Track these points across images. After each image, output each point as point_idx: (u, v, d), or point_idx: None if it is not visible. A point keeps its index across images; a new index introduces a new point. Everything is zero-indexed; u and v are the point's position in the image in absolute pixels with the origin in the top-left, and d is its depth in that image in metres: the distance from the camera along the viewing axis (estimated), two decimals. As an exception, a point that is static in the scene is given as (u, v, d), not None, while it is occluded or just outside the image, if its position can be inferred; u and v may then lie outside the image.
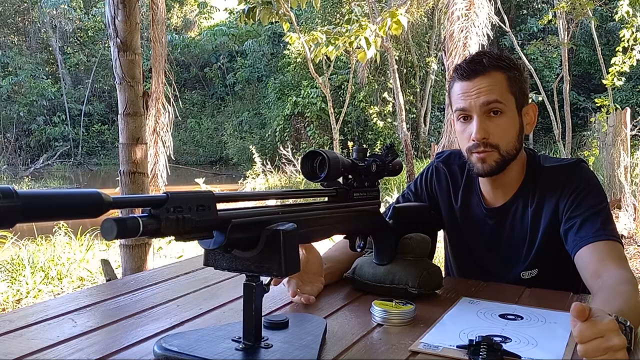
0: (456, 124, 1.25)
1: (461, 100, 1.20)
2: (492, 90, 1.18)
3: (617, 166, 6.70)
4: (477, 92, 1.18)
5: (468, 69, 1.20)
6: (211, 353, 0.77)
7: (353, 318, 1.01)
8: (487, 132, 1.19)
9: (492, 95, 1.18)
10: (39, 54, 23.22)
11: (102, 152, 21.96)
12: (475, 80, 1.19)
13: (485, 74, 1.19)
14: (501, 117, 1.19)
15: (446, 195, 1.38)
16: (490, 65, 1.19)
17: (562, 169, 1.25)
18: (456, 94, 1.22)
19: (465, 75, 1.20)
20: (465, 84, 1.20)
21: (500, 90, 1.19)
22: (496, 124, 1.19)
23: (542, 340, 0.89)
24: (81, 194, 0.59)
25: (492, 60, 1.20)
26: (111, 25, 3.13)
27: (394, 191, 8.60)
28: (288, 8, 5.72)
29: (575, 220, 1.17)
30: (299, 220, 0.83)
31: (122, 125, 3.18)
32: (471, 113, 1.19)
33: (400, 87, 9.06)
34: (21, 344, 0.86)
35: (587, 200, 1.19)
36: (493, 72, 1.19)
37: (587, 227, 1.15)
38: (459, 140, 1.27)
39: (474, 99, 1.18)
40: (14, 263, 4.41)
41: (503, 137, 1.20)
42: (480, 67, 1.19)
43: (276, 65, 19.66)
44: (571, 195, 1.20)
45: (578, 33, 14.98)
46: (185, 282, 1.25)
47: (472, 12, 5.93)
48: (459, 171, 1.37)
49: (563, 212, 1.20)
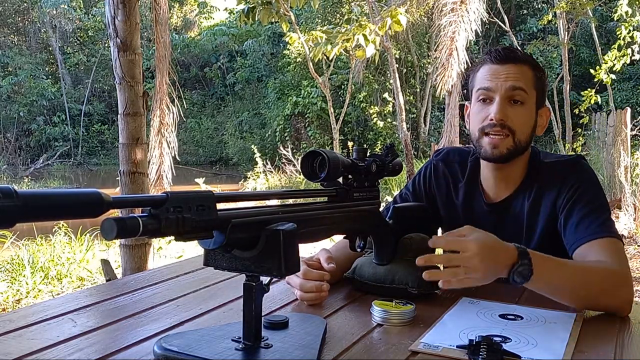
0: (473, 106, 1.27)
1: (487, 80, 1.22)
2: (519, 79, 1.21)
3: (617, 166, 6.70)
4: (505, 75, 1.21)
5: (503, 53, 1.23)
6: (211, 353, 0.77)
7: (353, 318, 1.01)
8: (507, 115, 1.21)
9: (519, 82, 1.21)
10: (39, 54, 23.23)
11: (102, 152, 21.97)
12: (506, 65, 1.22)
13: (517, 63, 1.22)
14: (522, 107, 1.22)
15: (445, 192, 1.38)
16: (523, 58, 1.24)
17: (561, 165, 1.26)
18: (482, 75, 1.24)
19: (499, 58, 1.22)
20: (495, 66, 1.22)
21: (527, 82, 1.22)
22: (516, 112, 1.21)
23: (542, 340, 0.89)
24: (81, 194, 0.59)
25: (525, 55, 1.25)
26: (111, 25, 3.13)
27: (394, 191, 8.60)
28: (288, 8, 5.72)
29: (574, 216, 1.17)
30: (299, 220, 0.83)
31: (122, 125, 3.18)
32: (494, 94, 1.21)
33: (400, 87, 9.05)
34: (21, 344, 0.86)
35: (585, 196, 1.18)
36: (524, 64, 1.23)
37: (585, 224, 1.14)
38: (471, 121, 1.28)
39: (501, 80, 1.21)
40: (14, 263, 4.41)
41: (521, 125, 1.22)
42: (514, 55, 1.23)
43: (276, 65, 19.67)
44: (570, 190, 1.20)
45: (578, 33, 15.00)
46: (185, 282, 1.25)
47: (462, 7, 5.95)
48: (459, 168, 1.37)
49: (561, 208, 1.20)
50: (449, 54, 5.97)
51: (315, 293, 1.06)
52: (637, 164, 6.97)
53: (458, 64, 6.15)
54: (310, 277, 1.07)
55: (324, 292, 1.06)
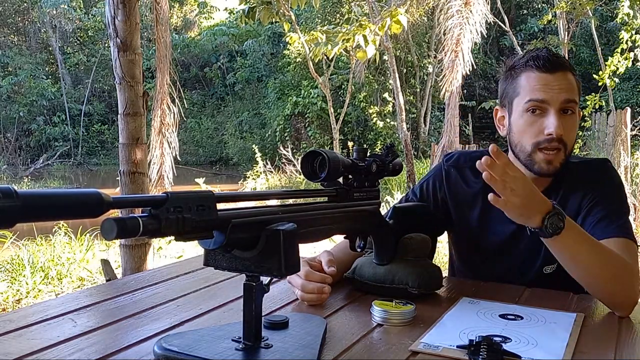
0: (522, 116, 1.21)
1: (540, 91, 1.18)
2: (571, 89, 1.19)
3: (617, 166, 6.69)
4: (559, 86, 1.18)
5: (551, 60, 1.19)
6: (211, 353, 0.77)
7: (353, 318, 1.01)
8: (563, 129, 1.18)
9: (572, 94, 1.18)
10: (39, 54, 23.23)
11: (102, 152, 21.96)
12: (557, 74, 1.18)
13: (566, 71, 1.20)
14: (572, 118, 1.20)
15: (461, 198, 1.35)
16: (568, 65, 1.21)
17: (588, 166, 1.26)
18: (531, 85, 1.19)
19: (548, 67, 1.18)
20: (546, 75, 1.18)
21: (576, 92, 1.20)
22: (568, 123, 1.19)
23: (542, 340, 0.89)
24: (81, 194, 0.59)
25: (567, 61, 1.22)
26: (111, 25, 3.12)
27: (394, 191, 8.60)
28: (288, 8, 5.72)
29: (594, 215, 1.17)
30: (299, 220, 0.83)
31: (122, 125, 3.18)
32: (549, 107, 1.18)
33: (400, 87, 9.05)
34: (21, 344, 0.86)
35: (609, 197, 1.19)
36: (569, 72, 1.20)
37: (604, 223, 1.15)
38: (521, 133, 1.22)
39: (556, 93, 1.17)
40: (14, 263, 4.41)
41: (572, 137, 1.21)
42: (562, 62, 1.20)
43: (276, 65, 19.66)
44: (595, 191, 1.20)
45: (578, 33, 14.98)
46: (185, 282, 1.25)
47: (467, 9, 5.95)
48: (472, 173, 1.33)
49: (584, 207, 1.21)
50: (455, 55, 5.96)
51: (317, 294, 1.06)
52: (637, 164, 6.96)
53: (463, 65, 6.14)
54: (312, 279, 1.06)
55: (325, 293, 1.06)
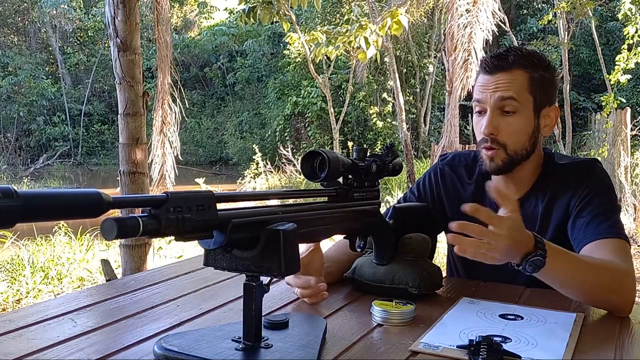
0: (474, 117, 1.27)
1: (479, 92, 1.22)
2: (509, 87, 1.19)
3: (617, 166, 6.70)
4: (494, 86, 1.19)
5: (492, 63, 1.21)
6: (211, 353, 0.77)
7: (353, 318, 1.01)
8: (497, 129, 1.20)
9: (508, 92, 1.19)
10: (39, 54, 23.22)
11: (102, 152, 21.96)
12: (496, 75, 1.20)
13: (508, 70, 1.19)
14: (514, 117, 1.20)
15: (453, 195, 1.37)
16: (515, 62, 1.20)
17: (577, 167, 1.26)
18: (477, 86, 1.24)
19: (488, 69, 1.21)
20: (486, 77, 1.21)
21: (519, 89, 1.19)
22: (507, 123, 1.20)
23: (542, 340, 0.89)
24: (81, 194, 0.59)
25: (519, 57, 1.20)
26: (111, 25, 3.13)
27: (394, 191, 8.60)
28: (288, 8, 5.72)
29: (584, 216, 1.17)
30: (299, 220, 0.83)
31: (122, 125, 3.18)
32: (485, 106, 1.21)
33: (400, 87, 9.05)
34: (21, 344, 0.86)
35: (598, 198, 1.19)
36: (516, 69, 1.20)
37: (595, 223, 1.15)
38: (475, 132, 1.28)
39: (490, 92, 1.20)
40: (14, 263, 4.41)
41: (511, 136, 1.20)
42: (503, 63, 1.20)
43: (276, 65, 19.66)
44: (583, 192, 1.20)
45: (578, 33, 14.98)
46: (185, 282, 1.25)
47: (477, 7, 5.93)
48: (466, 172, 1.36)
49: (573, 209, 1.20)
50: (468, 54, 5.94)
51: (315, 290, 1.06)
52: (637, 164, 6.97)
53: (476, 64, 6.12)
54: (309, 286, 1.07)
55: (322, 290, 1.06)
